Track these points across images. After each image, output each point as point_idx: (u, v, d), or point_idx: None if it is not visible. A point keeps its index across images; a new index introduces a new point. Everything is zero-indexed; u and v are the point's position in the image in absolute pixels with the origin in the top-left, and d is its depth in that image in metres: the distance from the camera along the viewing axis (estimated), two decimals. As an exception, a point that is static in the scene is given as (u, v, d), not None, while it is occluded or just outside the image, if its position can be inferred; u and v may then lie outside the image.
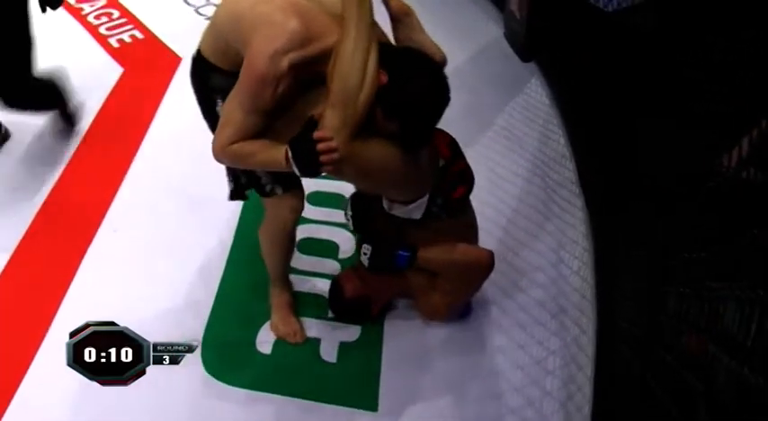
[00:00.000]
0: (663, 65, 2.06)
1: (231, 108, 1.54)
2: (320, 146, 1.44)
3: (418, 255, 1.87)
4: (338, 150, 1.45)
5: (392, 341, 2.03)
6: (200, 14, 3.64)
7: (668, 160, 1.83)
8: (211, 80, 1.68)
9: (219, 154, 1.58)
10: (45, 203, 2.45)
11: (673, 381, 1.25)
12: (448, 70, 3.12)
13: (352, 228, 1.99)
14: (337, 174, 1.59)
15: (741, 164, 1.12)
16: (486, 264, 1.93)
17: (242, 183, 1.82)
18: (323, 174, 1.52)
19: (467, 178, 1.86)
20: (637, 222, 1.96)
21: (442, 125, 1.70)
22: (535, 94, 3.05)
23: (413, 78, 1.52)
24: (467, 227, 1.96)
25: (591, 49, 2.86)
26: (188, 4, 3.74)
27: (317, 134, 1.46)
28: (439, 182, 1.77)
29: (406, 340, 2.03)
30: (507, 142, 2.79)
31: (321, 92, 1.51)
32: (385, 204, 1.81)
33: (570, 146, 2.73)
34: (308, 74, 1.51)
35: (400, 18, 1.67)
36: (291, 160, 1.48)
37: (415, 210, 1.79)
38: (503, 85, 3.11)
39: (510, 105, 2.99)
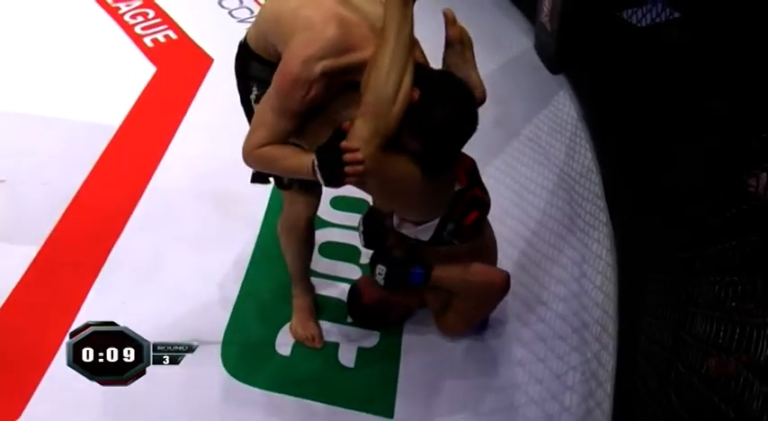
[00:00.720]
0: (695, 80, 2.03)
1: (263, 110, 1.55)
2: (346, 156, 1.43)
3: (432, 273, 1.84)
4: (364, 162, 1.44)
5: (411, 349, 2.02)
6: (234, 17, 3.68)
7: (696, 178, 1.81)
8: (251, 68, 1.70)
9: (248, 156, 1.59)
10: (75, 198, 2.49)
11: (696, 402, 1.23)
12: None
13: (363, 244, 1.96)
14: (359, 185, 1.58)
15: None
16: (500, 287, 1.90)
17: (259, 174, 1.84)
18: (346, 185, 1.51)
19: (481, 204, 1.81)
20: (662, 239, 1.93)
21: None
22: (563, 106, 3.03)
23: (442, 102, 1.50)
24: (481, 250, 1.90)
25: (621, 63, 2.84)
26: (222, 6, 3.78)
27: (344, 144, 1.45)
28: (452, 207, 1.73)
29: (424, 348, 2.02)
30: (534, 154, 2.77)
31: (354, 100, 1.50)
32: (395, 221, 1.80)
33: (597, 160, 2.71)
34: (342, 83, 1.51)
35: (454, 44, 1.65)
36: (317, 169, 1.47)
37: (423, 232, 1.77)
38: (531, 97, 3.09)
39: (538, 117, 2.97)
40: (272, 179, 1.85)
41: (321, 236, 2.36)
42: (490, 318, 2.10)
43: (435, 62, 1.70)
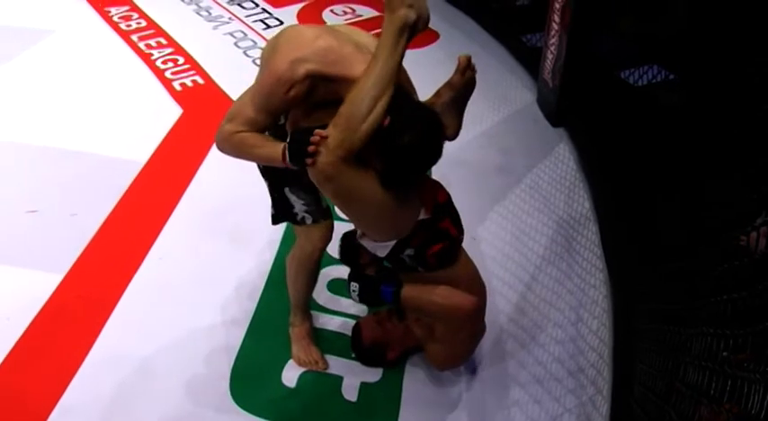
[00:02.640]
0: (689, 139, 2.05)
1: (244, 102, 1.58)
2: (313, 138, 1.45)
3: (402, 291, 1.79)
4: (326, 138, 1.45)
5: (412, 386, 1.99)
6: (256, 65, 3.73)
7: (689, 231, 1.80)
8: None
9: (223, 141, 1.60)
10: (100, 229, 2.50)
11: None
12: (484, 131, 3.16)
13: (339, 258, 1.95)
14: (321, 186, 1.57)
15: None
16: (467, 310, 1.81)
17: (279, 214, 1.86)
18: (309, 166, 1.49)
19: (446, 237, 1.76)
20: (657, 289, 1.92)
21: (476, 179, 1.70)
22: (563, 157, 3.05)
23: (407, 132, 1.51)
24: (454, 282, 1.83)
25: (618, 119, 2.86)
26: (247, 55, 3.87)
27: (316, 131, 1.46)
28: (413, 234, 1.70)
29: (425, 387, 1.99)
30: (535, 201, 2.78)
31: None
32: (358, 231, 1.80)
33: (594, 209, 2.70)
34: (324, 93, 1.53)
35: (456, 88, 1.68)
36: (287, 149, 1.48)
37: (380, 249, 1.75)
38: (533, 148, 3.11)
39: (539, 166, 2.99)
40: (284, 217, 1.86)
41: (329, 272, 2.36)
42: (490, 358, 2.07)
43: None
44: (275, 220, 1.89)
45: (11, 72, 3.58)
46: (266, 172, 1.80)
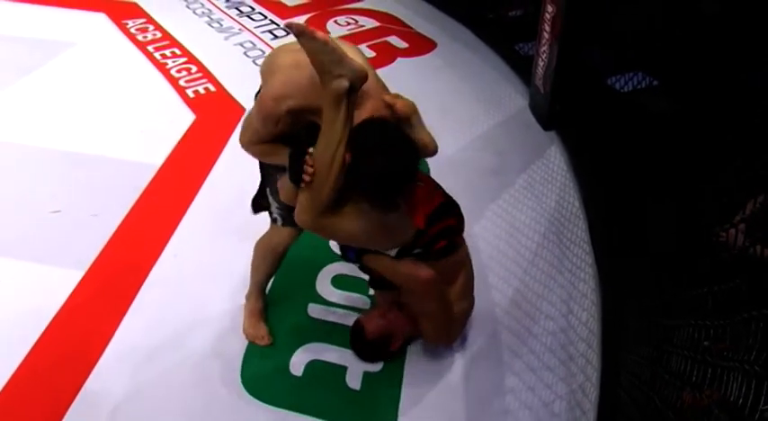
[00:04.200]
0: (672, 142, 2.04)
1: (252, 114, 1.69)
2: (307, 159, 1.55)
3: (367, 257, 1.82)
4: (312, 176, 1.55)
5: (412, 376, 1.99)
6: (257, 65, 3.73)
7: (672, 228, 1.80)
8: None
9: (246, 149, 1.75)
10: (119, 228, 2.51)
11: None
12: (479, 134, 3.17)
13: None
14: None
15: (746, 239, 1.09)
16: (423, 280, 1.80)
17: (258, 206, 1.97)
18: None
19: (448, 233, 1.80)
20: (642, 282, 1.92)
21: (472, 179, 1.70)
22: (554, 159, 3.04)
23: (370, 157, 1.54)
24: (459, 263, 1.89)
25: (605, 122, 2.86)
26: (255, 64, 3.86)
27: (309, 150, 1.55)
28: (416, 240, 1.75)
29: (425, 376, 1.99)
30: (527, 200, 2.77)
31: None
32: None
33: (583, 207, 2.70)
34: (307, 121, 1.60)
35: (404, 120, 1.66)
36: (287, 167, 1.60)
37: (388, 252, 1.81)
38: (526, 150, 3.11)
39: (531, 168, 2.98)
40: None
41: (334, 268, 2.37)
42: (487, 349, 2.08)
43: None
44: (254, 211, 1.97)
45: (36, 81, 3.59)
46: (261, 168, 1.88)
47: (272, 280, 2.14)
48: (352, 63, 1.50)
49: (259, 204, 1.95)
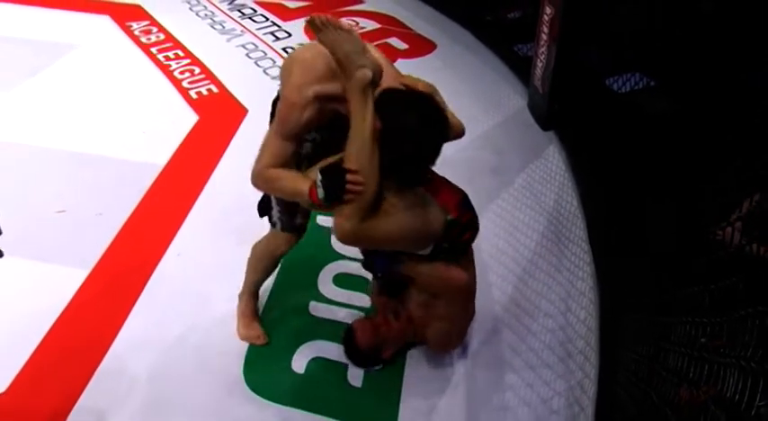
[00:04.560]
0: (669, 142, 2.04)
1: (269, 136, 1.62)
2: (349, 177, 1.47)
3: (404, 265, 1.79)
4: (363, 184, 1.47)
5: (413, 373, 1.99)
6: (267, 74, 3.75)
7: (670, 226, 1.80)
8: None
9: (256, 177, 1.62)
10: (123, 228, 2.51)
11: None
12: (479, 134, 3.16)
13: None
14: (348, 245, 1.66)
15: (742, 237, 1.09)
16: (458, 282, 1.81)
17: (262, 210, 1.92)
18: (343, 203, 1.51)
19: (473, 226, 1.81)
20: (640, 280, 1.91)
21: (472, 178, 1.70)
22: (553, 158, 3.04)
23: (400, 119, 1.49)
24: (469, 254, 1.90)
25: (603, 123, 2.86)
26: (257, 65, 3.87)
27: (346, 165, 1.48)
28: (447, 233, 1.71)
29: (425, 372, 1.99)
30: (526, 199, 2.77)
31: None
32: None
33: (582, 206, 2.70)
34: (331, 111, 1.56)
35: None
36: (319, 185, 1.48)
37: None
38: (525, 150, 3.11)
39: (530, 167, 2.98)
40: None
41: (336, 267, 2.36)
42: (486, 346, 2.07)
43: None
44: (260, 214, 1.93)
45: (42, 82, 3.59)
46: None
47: (273, 278, 2.14)
48: (371, 55, 1.49)
49: (263, 208, 1.93)
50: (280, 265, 2.34)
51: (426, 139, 1.51)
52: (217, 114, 3.35)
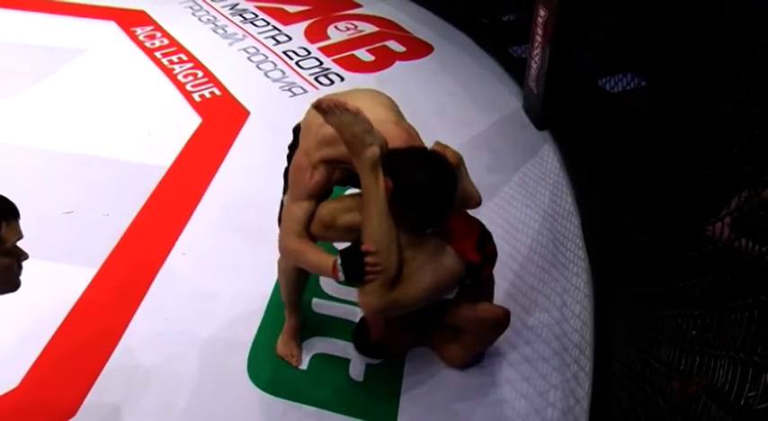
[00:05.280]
0: (660, 140, 2.04)
1: (286, 207, 1.66)
2: (368, 259, 1.49)
3: (447, 309, 1.81)
4: (380, 265, 1.49)
5: (413, 367, 1.99)
6: (268, 77, 3.75)
7: (662, 222, 1.80)
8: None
9: (282, 251, 1.70)
10: (130, 228, 2.51)
11: (659, 418, 1.20)
12: (475, 134, 3.15)
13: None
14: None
15: (731, 233, 1.09)
16: (503, 322, 1.87)
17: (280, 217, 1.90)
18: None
19: (492, 259, 1.80)
20: (633, 275, 1.91)
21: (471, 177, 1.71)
22: (547, 157, 3.04)
23: (412, 177, 1.49)
24: (487, 286, 1.92)
25: (596, 122, 2.86)
26: (259, 68, 3.86)
27: (363, 247, 1.51)
28: (468, 275, 1.71)
29: (425, 368, 1.99)
30: (522, 197, 2.77)
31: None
32: None
33: (576, 204, 2.70)
34: (342, 171, 1.60)
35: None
36: (339, 267, 1.52)
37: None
38: (520, 149, 3.11)
39: (525, 166, 2.98)
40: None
41: (337, 264, 2.36)
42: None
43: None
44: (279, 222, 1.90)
45: (49, 86, 3.59)
46: (285, 176, 1.83)
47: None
48: (378, 131, 1.50)
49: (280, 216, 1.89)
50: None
51: (437, 192, 1.51)
52: (220, 116, 3.35)
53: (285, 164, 1.82)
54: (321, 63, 3.89)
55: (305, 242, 1.62)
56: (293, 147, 1.78)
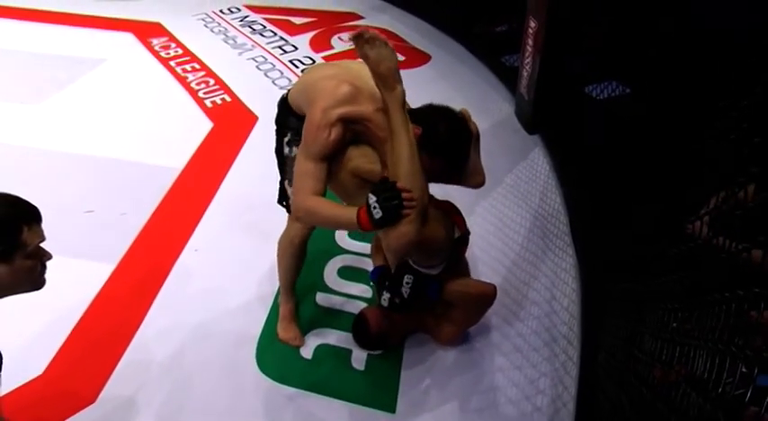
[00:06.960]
0: (643, 144, 2.04)
1: (299, 163, 1.53)
2: (405, 195, 1.37)
3: (446, 286, 1.83)
4: (417, 200, 1.39)
5: (411, 357, 1.99)
6: (276, 85, 3.74)
7: (645, 222, 1.79)
8: (288, 120, 1.73)
9: (298, 210, 1.52)
10: (145, 226, 2.51)
11: (641, 405, 1.20)
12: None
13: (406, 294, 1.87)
14: (405, 249, 1.46)
15: (710, 230, 1.08)
16: (492, 296, 1.90)
17: (280, 199, 1.89)
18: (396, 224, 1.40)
19: (467, 240, 1.89)
20: (618, 271, 1.91)
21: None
22: (538, 160, 3.04)
23: (439, 124, 1.52)
24: (464, 265, 1.97)
25: (584, 127, 2.86)
26: (267, 76, 3.86)
27: (399, 184, 1.38)
28: (454, 249, 1.80)
29: (422, 357, 1.99)
30: (514, 198, 2.77)
31: (363, 151, 1.55)
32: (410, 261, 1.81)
33: (565, 203, 2.70)
34: (354, 132, 1.53)
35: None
36: (373, 207, 1.37)
37: (436, 269, 1.82)
38: (512, 152, 3.10)
39: (517, 168, 2.98)
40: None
41: (340, 261, 2.36)
42: (478, 332, 2.07)
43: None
44: (279, 201, 1.90)
45: (71, 94, 3.59)
46: (279, 163, 1.83)
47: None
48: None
49: (281, 195, 1.89)
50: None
51: (461, 141, 1.56)
52: (230, 121, 3.34)
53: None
54: (325, 71, 3.89)
55: (323, 199, 1.50)
56: (281, 123, 1.75)
